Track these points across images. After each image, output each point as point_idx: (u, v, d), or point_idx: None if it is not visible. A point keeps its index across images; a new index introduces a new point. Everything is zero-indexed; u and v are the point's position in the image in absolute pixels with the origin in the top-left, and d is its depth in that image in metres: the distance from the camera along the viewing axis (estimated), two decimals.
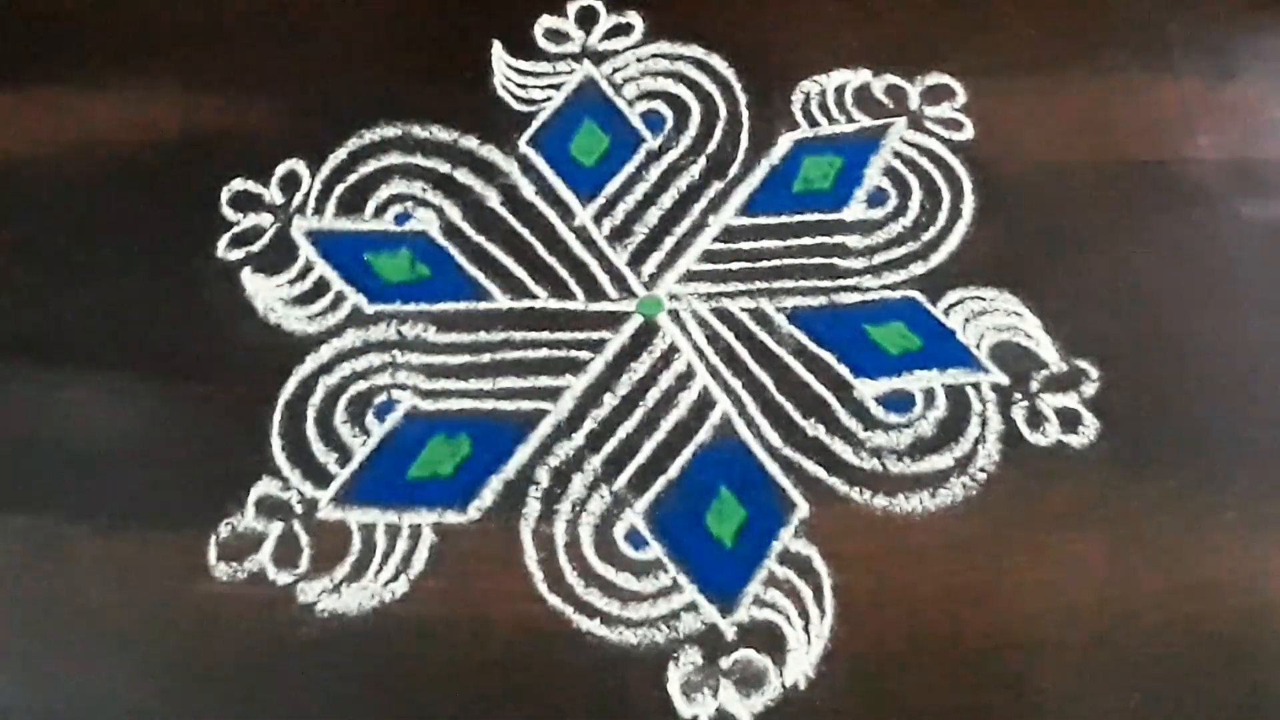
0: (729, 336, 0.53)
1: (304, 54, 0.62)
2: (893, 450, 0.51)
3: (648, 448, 0.51)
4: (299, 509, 0.50)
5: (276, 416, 0.52)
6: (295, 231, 0.57)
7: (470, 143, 0.59)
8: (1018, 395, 0.52)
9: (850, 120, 0.59)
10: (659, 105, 0.60)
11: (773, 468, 0.50)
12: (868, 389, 0.52)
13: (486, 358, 0.53)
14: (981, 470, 0.50)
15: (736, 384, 0.52)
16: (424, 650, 0.47)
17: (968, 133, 0.58)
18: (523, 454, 0.51)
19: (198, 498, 0.50)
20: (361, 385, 0.53)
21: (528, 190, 0.57)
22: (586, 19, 0.62)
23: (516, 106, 0.60)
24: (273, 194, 0.58)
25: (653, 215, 0.57)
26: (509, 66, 0.61)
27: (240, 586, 0.48)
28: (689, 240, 0.56)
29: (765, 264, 0.55)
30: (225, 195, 0.58)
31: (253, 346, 0.54)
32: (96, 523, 0.50)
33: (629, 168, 0.58)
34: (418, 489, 0.50)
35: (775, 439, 0.51)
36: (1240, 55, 0.60)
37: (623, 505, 0.50)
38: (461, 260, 0.56)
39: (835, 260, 0.55)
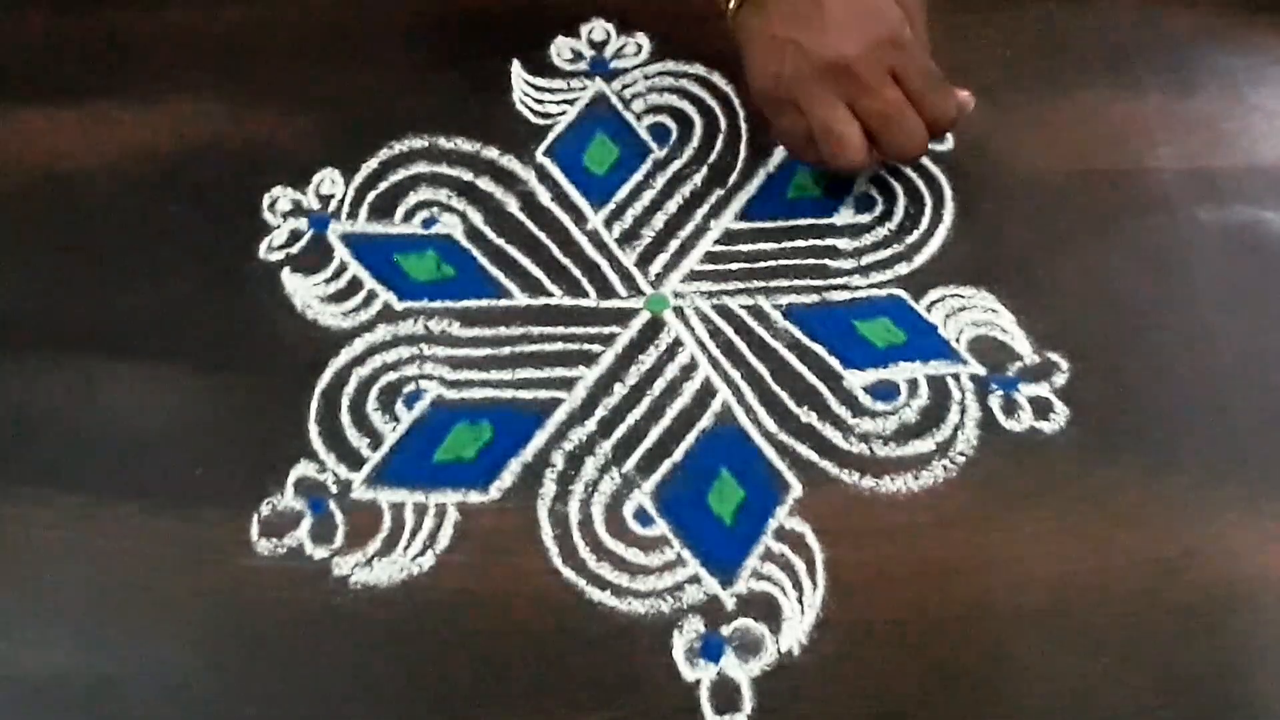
0: (729, 331, 0.53)
1: (338, 72, 0.61)
2: (879, 435, 0.50)
3: (654, 433, 0.50)
4: (334, 489, 0.49)
5: (313, 404, 0.51)
6: (331, 235, 0.56)
7: (491, 153, 0.58)
8: (994, 385, 0.51)
9: None
10: (665, 119, 0.59)
11: (769, 451, 0.50)
12: (856, 379, 0.51)
13: (506, 351, 0.53)
14: (961, 454, 0.49)
15: (736, 375, 0.52)
16: (449, 619, 0.46)
17: (949, 144, 0.58)
18: (540, 439, 0.50)
19: (241, 479, 0.49)
20: (391, 376, 0.52)
21: (544, 197, 0.57)
22: (598, 40, 0.62)
23: (534, 120, 0.59)
24: (310, 200, 0.57)
25: (659, 220, 0.56)
26: (527, 83, 0.60)
27: (280, 561, 0.48)
28: (692, 242, 0.55)
29: (762, 264, 0.55)
30: (266, 202, 0.57)
31: (291, 341, 0.53)
32: (147, 502, 0.49)
33: (637, 176, 0.57)
34: (443, 471, 0.50)
35: (771, 425, 0.50)
36: (1198, 74, 0.60)
37: (631, 486, 0.49)
38: (483, 261, 0.55)
39: (826, 261, 0.55)
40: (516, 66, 0.61)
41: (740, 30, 0.53)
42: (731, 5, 0.53)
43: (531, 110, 0.60)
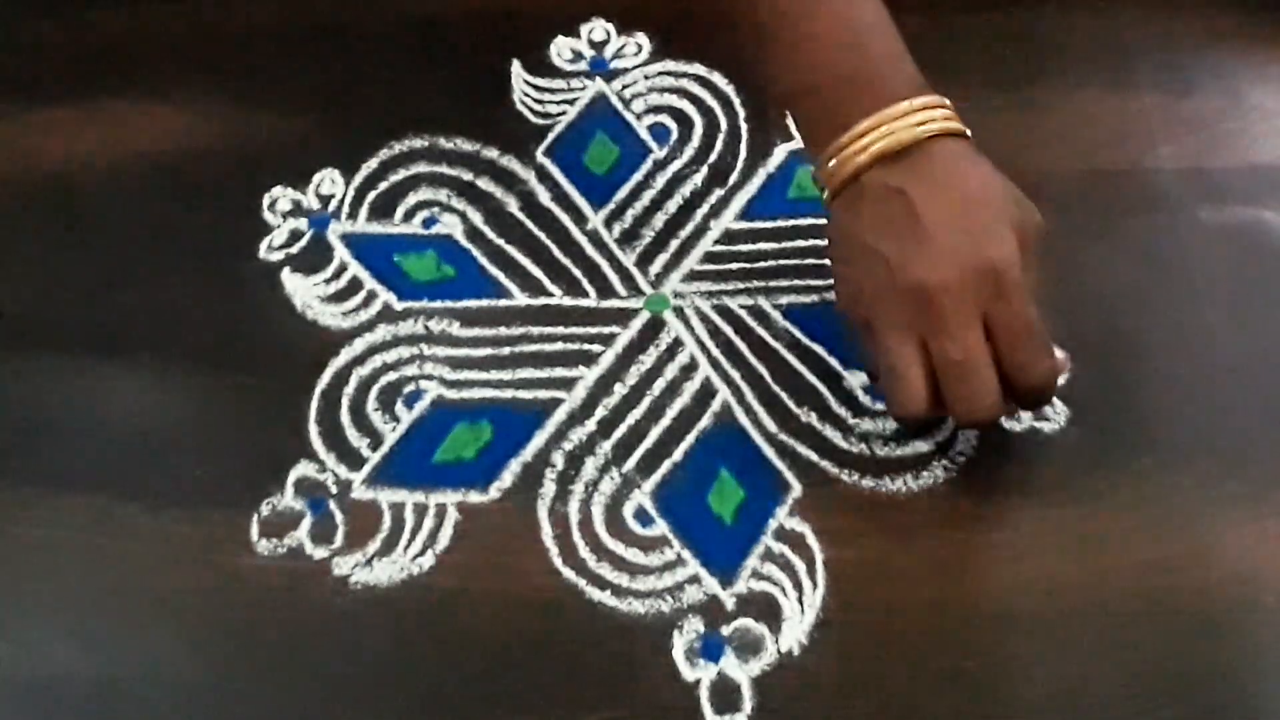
0: (729, 331, 0.53)
1: (339, 72, 0.61)
2: (879, 435, 0.50)
3: (654, 433, 0.50)
4: (334, 489, 0.49)
5: (313, 404, 0.51)
6: (331, 235, 0.56)
7: (491, 153, 0.58)
8: None
9: None
10: (665, 119, 0.59)
11: (769, 451, 0.49)
12: (856, 379, 0.51)
13: (506, 351, 0.52)
14: (960, 454, 0.49)
15: (736, 375, 0.51)
16: (449, 619, 0.46)
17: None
18: (540, 439, 0.50)
19: (241, 479, 0.49)
20: (391, 376, 0.52)
21: (544, 197, 0.57)
22: (598, 40, 0.62)
23: (534, 120, 0.59)
24: (310, 200, 0.57)
25: (659, 220, 0.56)
26: (527, 83, 0.60)
27: (280, 560, 0.48)
28: (692, 242, 0.55)
29: (762, 264, 0.55)
30: (266, 202, 0.57)
31: (291, 341, 0.53)
32: (147, 502, 0.49)
33: (637, 176, 0.57)
34: (443, 471, 0.49)
35: (771, 425, 0.50)
36: (1197, 73, 0.60)
37: (631, 486, 0.49)
38: (484, 261, 0.55)
39: (826, 261, 0.53)
40: (516, 66, 0.61)
41: (831, 226, 0.47)
42: (825, 195, 0.46)
43: (531, 110, 0.60)
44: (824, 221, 0.54)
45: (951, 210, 0.42)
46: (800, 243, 0.55)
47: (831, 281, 0.53)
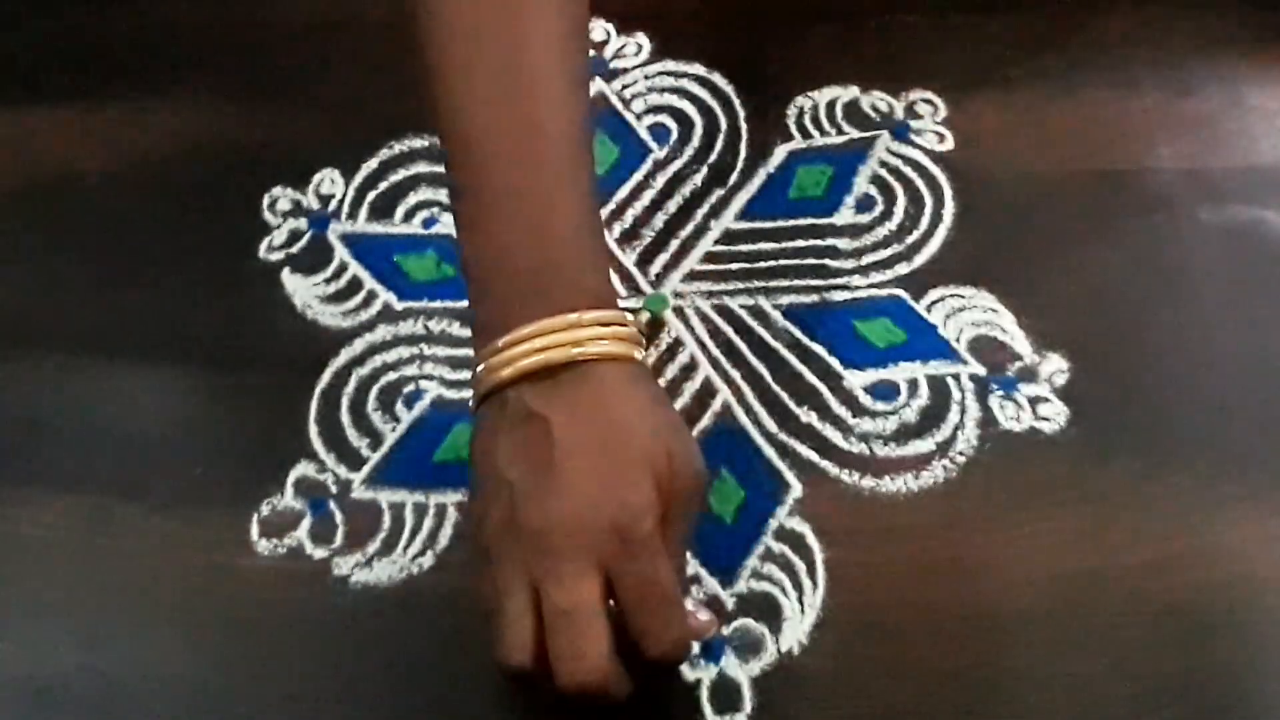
0: (729, 331, 0.53)
1: (338, 72, 0.61)
2: (879, 435, 0.50)
3: None
4: (334, 489, 0.49)
5: (313, 404, 0.51)
6: (331, 235, 0.56)
7: None
8: (994, 385, 0.51)
9: (840, 132, 0.58)
10: (665, 119, 0.59)
11: (769, 451, 0.49)
12: (856, 379, 0.51)
13: None
14: (960, 454, 0.49)
15: (736, 375, 0.51)
16: (450, 618, 0.46)
17: (949, 144, 0.57)
18: None
19: (241, 479, 0.49)
20: (391, 376, 0.52)
21: None
22: (598, 40, 0.62)
23: None
24: (310, 200, 0.57)
25: (659, 220, 0.56)
26: None
27: (280, 561, 0.47)
28: (692, 242, 0.55)
29: (762, 264, 0.54)
30: (266, 202, 0.57)
31: (291, 340, 0.53)
32: (147, 502, 0.49)
33: (637, 176, 0.57)
34: (443, 471, 0.49)
35: (771, 425, 0.50)
36: (1197, 74, 0.60)
37: None
38: None
39: (827, 261, 0.54)
40: None
41: (472, 437, 0.41)
42: (472, 402, 0.41)
43: None
44: (825, 221, 0.55)
45: (589, 446, 0.38)
46: (800, 243, 0.55)
47: (832, 281, 0.53)
